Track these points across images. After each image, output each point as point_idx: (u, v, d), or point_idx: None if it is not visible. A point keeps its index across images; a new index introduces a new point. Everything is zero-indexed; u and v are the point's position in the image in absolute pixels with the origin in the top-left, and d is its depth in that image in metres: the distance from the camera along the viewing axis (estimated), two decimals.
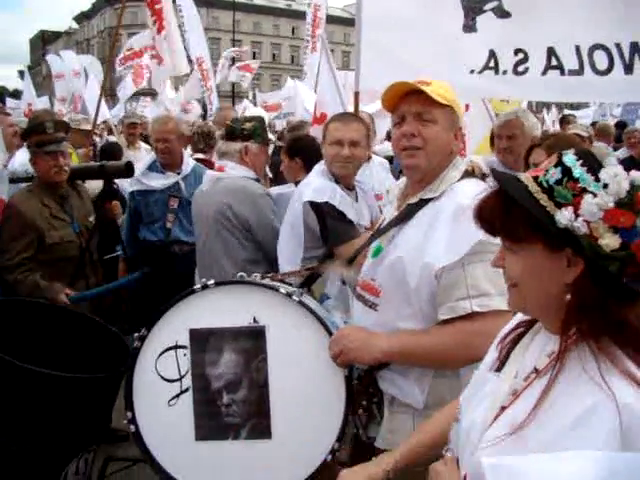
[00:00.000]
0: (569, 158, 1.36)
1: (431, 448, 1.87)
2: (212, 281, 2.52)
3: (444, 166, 2.31)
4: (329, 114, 5.72)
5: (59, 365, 2.69)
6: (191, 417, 2.48)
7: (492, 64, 3.96)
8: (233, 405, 2.46)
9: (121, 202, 5.49)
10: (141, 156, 7.72)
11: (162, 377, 2.50)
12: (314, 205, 3.32)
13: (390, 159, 6.28)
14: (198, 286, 2.52)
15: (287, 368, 2.44)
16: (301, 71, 15.49)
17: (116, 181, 5.38)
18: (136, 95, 15.40)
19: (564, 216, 1.31)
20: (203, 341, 2.48)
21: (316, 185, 3.40)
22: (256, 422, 2.45)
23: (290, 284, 2.77)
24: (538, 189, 1.36)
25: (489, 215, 1.45)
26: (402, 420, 2.34)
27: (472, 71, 4.00)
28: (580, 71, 3.73)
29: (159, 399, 2.51)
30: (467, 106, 5.50)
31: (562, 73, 3.79)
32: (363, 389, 2.41)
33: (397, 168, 6.15)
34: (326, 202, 3.26)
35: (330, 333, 2.40)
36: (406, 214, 2.34)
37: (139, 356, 2.53)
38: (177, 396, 2.49)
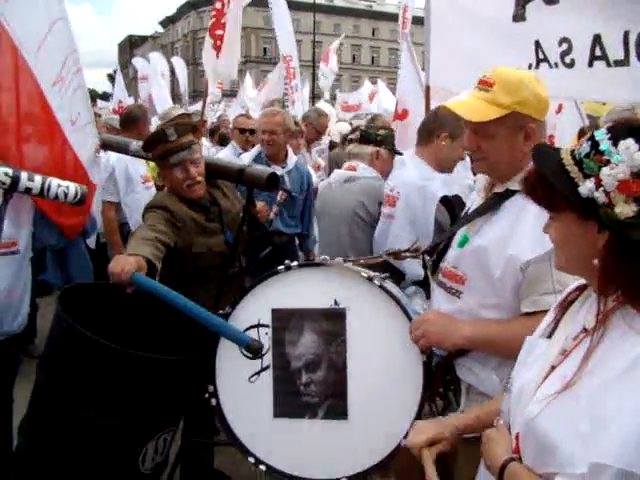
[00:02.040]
0: (600, 132, 1.44)
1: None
2: (295, 262, 2.58)
3: (523, 162, 2.26)
4: (411, 110, 5.77)
5: (143, 346, 2.79)
6: (270, 394, 2.55)
7: (542, 56, 3.77)
8: (311, 385, 2.51)
9: None
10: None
11: (244, 354, 2.57)
12: (444, 199, 3.46)
13: None
14: (282, 267, 2.57)
15: (366, 351, 2.47)
16: (382, 72, 15.48)
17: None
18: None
19: (586, 187, 1.40)
20: (284, 321, 2.54)
21: (437, 179, 3.59)
22: (333, 402, 2.50)
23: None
24: (571, 162, 1.45)
25: (530, 188, 1.56)
26: None
27: (530, 65, 3.83)
28: (625, 61, 3.45)
29: (240, 375, 2.59)
30: (560, 107, 5.39)
31: (608, 64, 3.53)
32: (441, 376, 2.44)
33: None
34: (455, 195, 3.35)
35: (410, 318, 2.42)
36: (493, 204, 2.36)
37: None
38: (257, 373, 2.57)
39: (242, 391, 2.60)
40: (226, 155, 6.25)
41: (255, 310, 2.59)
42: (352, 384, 2.48)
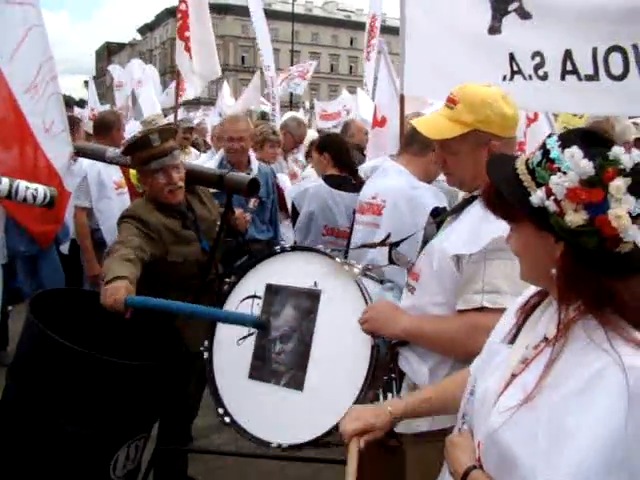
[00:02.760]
0: (551, 140, 1.42)
1: (432, 409, 2.02)
2: (288, 245, 3.03)
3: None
4: (389, 117, 5.83)
5: (114, 352, 2.79)
6: (250, 357, 2.83)
7: (515, 68, 3.83)
8: (282, 354, 2.76)
9: None
10: (190, 160, 7.92)
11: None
12: (434, 212, 3.40)
13: None
14: (278, 248, 2.99)
15: (328, 331, 2.69)
16: (360, 82, 15.59)
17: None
18: (197, 104, 15.73)
19: (537, 196, 1.38)
20: (273, 295, 2.86)
21: (427, 189, 3.57)
22: (295, 373, 2.71)
23: None
24: (525, 171, 1.43)
25: (487, 199, 1.55)
26: None
27: (504, 77, 3.87)
28: (595, 77, 3.54)
29: (232, 337, 2.90)
30: (536, 115, 5.44)
31: (579, 78, 3.61)
32: (386, 364, 2.52)
33: None
34: (444, 208, 3.39)
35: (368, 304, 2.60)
36: (459, 207, 2.44)
37: (228, 298, 2.99)
38: (245, 337, 2.87)
39: (230, 351, 2.90)
40: (203, 162, 6.21)
41: (254, 283, 2.94)
42: (312, 359, 2.68)
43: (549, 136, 1.46)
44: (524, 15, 3.82)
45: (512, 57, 3.85)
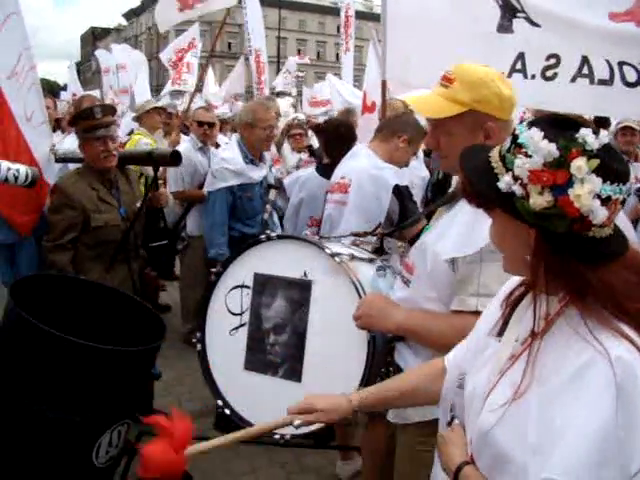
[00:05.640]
0: (520, 126, 1.40)
1: (398, 398, 2.01)
2: (274, 234, 2.96)
3: None
4: (378, 102, 5.85)
5: (94, 339, 2.77)
6: (244, 349, 2.84)
7: (519, 66, 3.96)
8: (276, 346, 2.77)
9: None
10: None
11: (228, 309, 2.90)
12: (396, 188, 3.64)
13: None
14: (264, 236, 2.92)
15: (322, 322, 2.69)
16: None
17: None
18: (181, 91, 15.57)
19: (504, 181, 1.36)
20: (263, 285, 2.85)
21: (390, 169, 3.74)
22: (292, 365, 2.73)
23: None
24: (497, 158, 1.41)
25: (463, 188, 1.53)
26: None
27: (502, 74, 3.92)
28: (609, 82, 3.73)
29: (224, 328, 2.90)
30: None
31: (591, 82, 3.80)
32: (383, 357, 2.54)
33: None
34: (406, 186, 3.45)
35: (360, 297, 2.58)
36: (451, 197, 2.38)
37: (214, 288, 2.96)
38: (237, 328, 2.87)
39: (223, 342, 2.91)
40: (186, 148, 6.11)
41: (242, 272, 2.92)
42: (308, 351, 2.69)
43: (520, 122, 1.44)
44: (532, 23, 4.01)
45: (521, 56, 3.98)
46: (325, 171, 4.74)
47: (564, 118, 1.39)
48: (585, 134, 1.31)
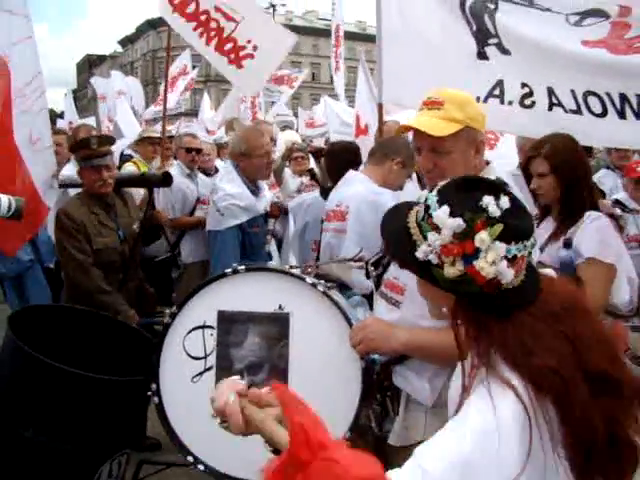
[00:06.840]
0: (431, 196, 1.50)
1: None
2: (242, 266, 2.65)
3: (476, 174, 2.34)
4: (371, 125, 5.86)
5: (95, 369, 2.77)
6: (210, 395, 2.55)
7: (497, 92, 4.04)
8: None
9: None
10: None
11: (188, 354, 2.63)
12: None
13: None
14: (229, 270, 2.64)
15: (307, 356, 2.53)
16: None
17: None
18: (177, 115, 15.58)
19: (422, 250, 1.47)
20: (229, 323, 2.60)
21: (387, 194, 3.71)
22: None
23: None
24: (415, 224, 1.52)
25: (385, 249, 1.62)
26: (415, 417, 2.41)
27: (478, 98, 3.98)
28: (579, 112, 3.84)
29: (184, 375, 2.62)
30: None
31: (565, 111, 3.91)
32: (379, 383, 2.50)
33: None
34: None
35: (351, 324, 2.48)
36: None
37: (168, 332, 2.65)
38: (201, 374, 2.61)
39: (185, 391, 2.62)
40: (174, 175, 5.87)
41: (201, 311, 2.64)
42: (292, 388, 2.48)
43: (430, 190, 1.54)
44: (504, 51, 4.11)
45: (500, 83, 4.09)
46: (329, 195, 4.70)
47: (470, 179, 1.52)
48: (487, 202, 1.42)
